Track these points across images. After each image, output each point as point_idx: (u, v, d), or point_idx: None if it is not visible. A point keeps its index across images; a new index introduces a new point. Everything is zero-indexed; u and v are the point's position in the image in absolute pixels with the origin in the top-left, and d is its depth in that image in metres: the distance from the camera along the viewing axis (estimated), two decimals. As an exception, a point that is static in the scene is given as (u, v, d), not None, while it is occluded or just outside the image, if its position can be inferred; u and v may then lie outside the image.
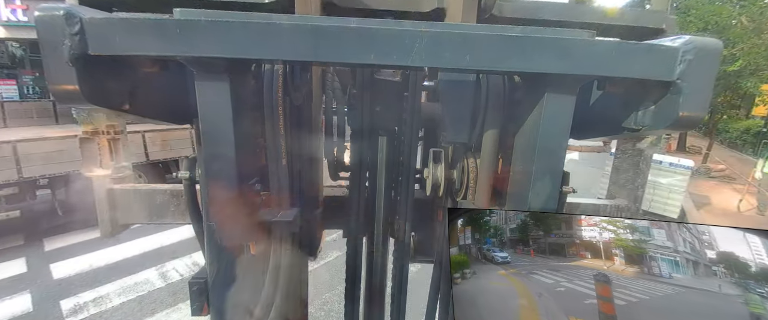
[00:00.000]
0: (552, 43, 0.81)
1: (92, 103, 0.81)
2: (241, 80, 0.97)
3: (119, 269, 5.39)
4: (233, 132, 0.93)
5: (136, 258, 5.68)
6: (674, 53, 0.78)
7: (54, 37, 0.74)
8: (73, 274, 5.24)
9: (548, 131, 0.94)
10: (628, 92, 0.94)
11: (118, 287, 4.91)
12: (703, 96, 0.80)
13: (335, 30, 0.78)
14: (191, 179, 1.23)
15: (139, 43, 0.76)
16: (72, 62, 0.74)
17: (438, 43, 0.76)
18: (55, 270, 5.36)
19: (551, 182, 1.01)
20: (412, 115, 1.44)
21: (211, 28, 0.76)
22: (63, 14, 0.73)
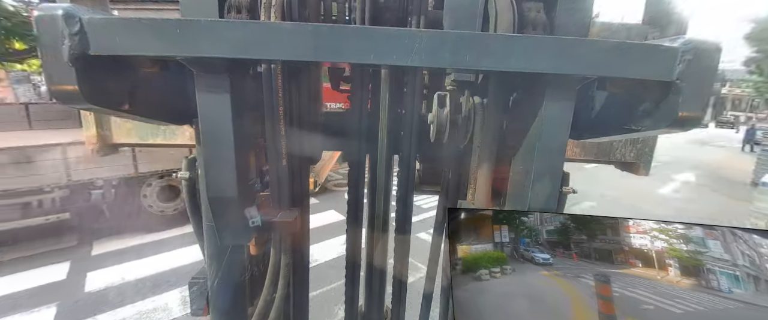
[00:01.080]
0: (552, 44, 0.81)
1: (92, 104, 0.81)
2: (241, 80, 0.97)
3: (147, 285, 5.15)
4: (233, 132, 0.93)
5: (166, 275, 5.36)
6: (674, 53, 0.78)
7: (54, 37, 0.73)
8: (102, 288, 5.02)
9: (548, 131, 0.94)
10: (627, 92, 0.94)
11: (135, 312, 4.74)
12: (702, 96, 0.80)
13: (335, 30, 0.78)
14: (191, 179, 1.23)
15: (139, 43, 0.76)
16: (72, 62, 0.74)
17: (437, 43, 0.76)
18: (90, 280, 5.20)
19: (551, 182, 1.01)
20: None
21: (211, 28, 0.76)
22: (62, 14, 0.73)
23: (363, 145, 1.41)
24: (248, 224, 1.07)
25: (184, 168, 1.23)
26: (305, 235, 1.50)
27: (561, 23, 0.96)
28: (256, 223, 1.07)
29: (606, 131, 1.10)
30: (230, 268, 1.25)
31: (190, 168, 1.23)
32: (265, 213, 1.10)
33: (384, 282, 1.61)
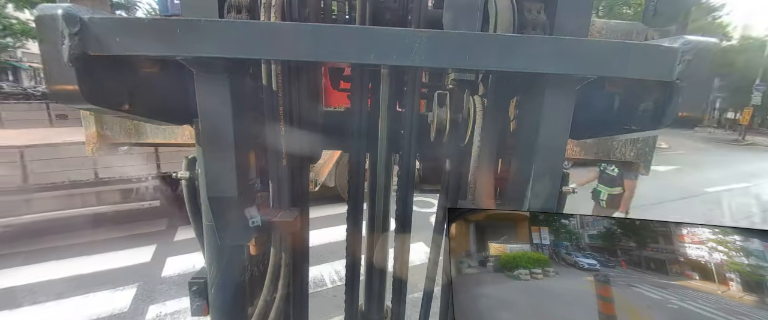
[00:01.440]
0: (552, 44, 0.81)
1: (92, 104, 0.81)
2: (241, 80, 0.97)
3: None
4: (233, 131, 0.93)
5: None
6: (674, 54, 0.78)
7: (54, 36, 0.73)
8: (175, 274, 5.22)
9: (548, 130, 0.94)
10: (627, 92, 0.94)
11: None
12: (701, 96, 0.80)
13: (335, 30, 0.78)
14: (191, 179, 1.23)
15: (139, 43, 0.76)
16: (72, 62, 0.74)
17: (437, 43, 0.76)
18: (168, 265, 5.46)
19: (551, 182, 1.01)
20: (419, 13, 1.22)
21: (211, 28, 0.76)
22: (62, 14, 0.72)
23: (363, 144, 1.41)
24: (248, 224, 1.07)
25: (183, 168, 1.23)
26: (305, 235, 1.50)
27: (561, 23, 0.96)
28: (256, 223, 1.07)
29: (606, 131, 1.10)
30: (230, 268, 1.25)
31: (190, 168, 1.23)
32: (265, 213, 1.10)
33: (384, 281, 1.61)
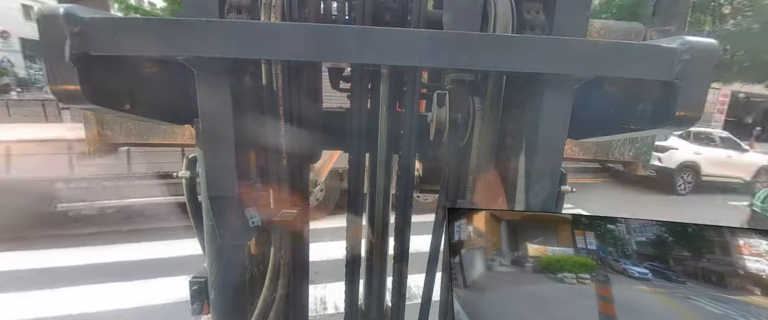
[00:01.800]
0: (550, 44, 0.82)
1: (93, 104, 0.81)
2: (241, 80, 0.97)
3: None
4: (234, 131, 0.94)
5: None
6: (672, 54, 0.79)
7: (55, 36, 0.74)
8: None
9: (547, 130, 0.95)
10: (626, 92, 0.95)
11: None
12: (699, 95, 0.81)
13: (335, 30, 0.79)
14: (191, 178, 1.23)
15: (140, 43, 0.76)
16: (73, 62, 0.75)
17: (436, 43, 0.77)
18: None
19: (550, 182, 1.02)
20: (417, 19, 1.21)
21: (211, 28, 0.76)
22: (64, 14, 0.73)
23: (363, 144, 1.42)
24: (248, 223, 1.08)
25: (184, 167, 1.23)
26: (306, 234, 1.50)
27: (559, 23, 0.97)
28: (256, 223, 1.08)
29: (605, 131, 1.11)
30: (231, 268, 1.26)
31: (190, 167, 1.24)
32: (265, 212, 1.11)
33: (384, 280, 1.61)
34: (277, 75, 1.07)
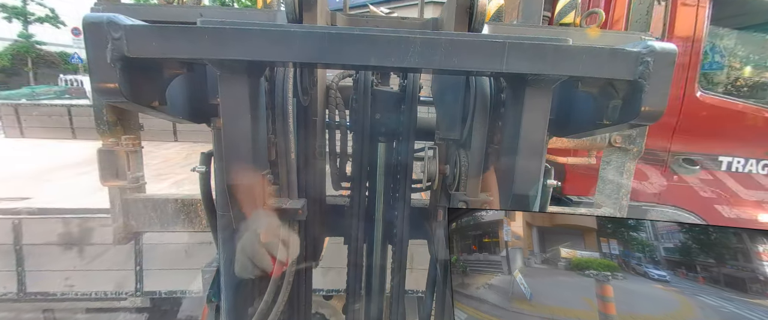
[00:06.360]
0: (531, 48, 0.92)
1: (129, 100, 0.92)
2: (257, 81, 1.09)
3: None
4: (251, 128, 1.04)
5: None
6: (635, 56, 0.90)
7: (99, 40, 0.85)
8: None
9: (529, 127, 1.05)
10: (599, 91, 1.06)
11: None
12: (661, 93, 0.92)
13: (341, 36, 0.90)
14: (207, 172, 1.34)
15: (171, 47, 0.87)
16: (114, 63, 0.86)
17: (429, 47, 0.88)
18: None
19: (534, 177, 1.11)
20: (408, 126, 1.55)
21: (234, 33, 0.87)
22: (107, 21, 0.84)
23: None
24: (261, 212, 1.18)
25: (200, 162, 1.34)
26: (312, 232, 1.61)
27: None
28: (268, 211, 1.18)
29: (585, 127, 1.22)
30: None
31: (206, 162, 1.35)
32: (276, 202, 1.21)
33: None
34: (287, 77, 1.19)
